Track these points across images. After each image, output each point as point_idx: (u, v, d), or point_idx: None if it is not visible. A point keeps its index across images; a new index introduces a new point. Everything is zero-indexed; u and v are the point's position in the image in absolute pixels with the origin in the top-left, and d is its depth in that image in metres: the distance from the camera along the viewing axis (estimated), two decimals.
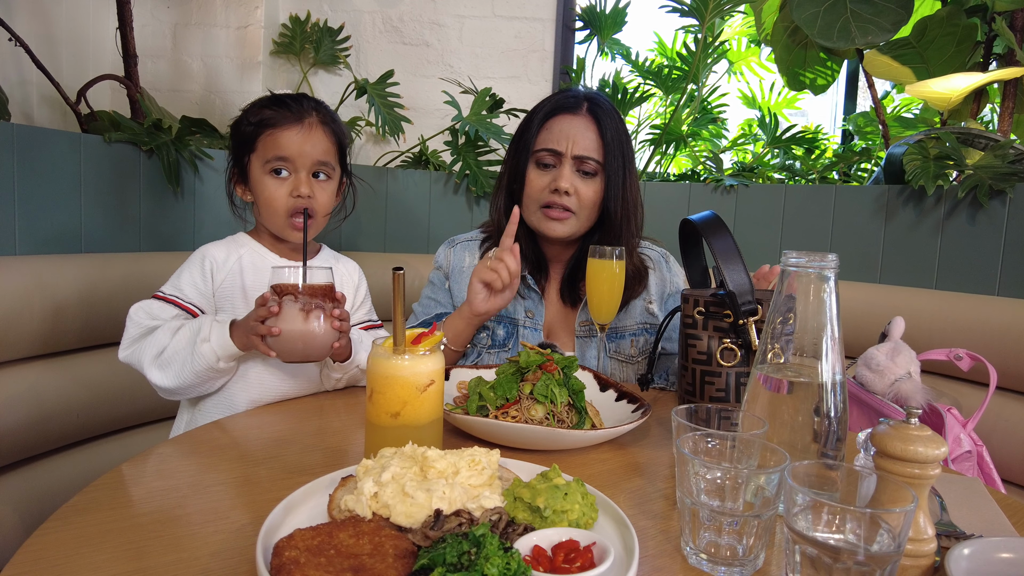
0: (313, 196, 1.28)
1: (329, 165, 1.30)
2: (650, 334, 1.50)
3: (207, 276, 1.27)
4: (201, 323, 1.17)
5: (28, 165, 1.47)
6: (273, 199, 1.27)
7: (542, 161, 1.42)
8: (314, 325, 1.10)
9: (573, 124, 1.41)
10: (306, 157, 1.26)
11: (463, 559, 0.57)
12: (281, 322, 1.08)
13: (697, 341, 1.11)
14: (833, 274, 0.79)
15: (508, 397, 1.03)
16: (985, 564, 0.64)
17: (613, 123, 1.42)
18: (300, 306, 1.09)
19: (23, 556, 0.65)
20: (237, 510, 0.77)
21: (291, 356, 1.11)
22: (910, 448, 0.66)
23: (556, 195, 1.40)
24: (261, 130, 1.26)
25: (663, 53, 2.67)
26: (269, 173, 1.27)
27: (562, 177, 1.39)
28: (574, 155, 1.39)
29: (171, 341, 1.17)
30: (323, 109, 1.32)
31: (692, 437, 0.75)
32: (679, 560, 0.71)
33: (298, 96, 1.32)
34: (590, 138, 1.40)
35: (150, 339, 1.18)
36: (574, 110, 1.42)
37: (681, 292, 1.18)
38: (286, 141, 1.25)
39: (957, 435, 1.36)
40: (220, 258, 1.29)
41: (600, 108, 1.42)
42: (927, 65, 2.04)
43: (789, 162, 2.40)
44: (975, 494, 0.90)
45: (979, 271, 1.69)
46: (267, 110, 1.27)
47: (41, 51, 1.83)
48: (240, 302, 1.28)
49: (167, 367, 1.16)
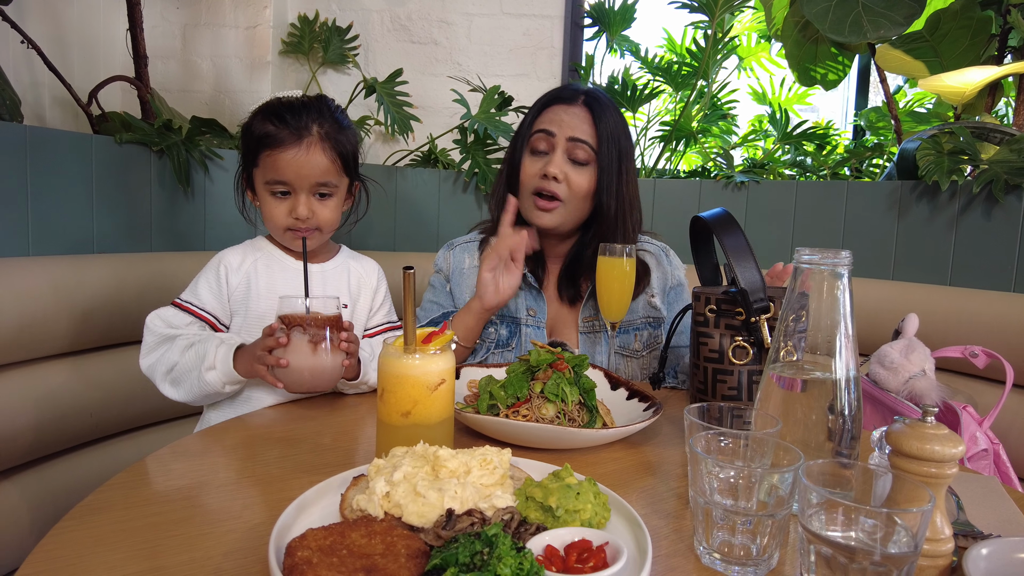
0: (313, 215, 1.26)
1: (330, 184, 1.27)
2: (654, 328, 1.50)
3: (221, 281, 1.27)
4: (207, 348, 1.16)
5: (41, 166, 1.48)
6: (273, 216, 1.27)
7: (536, 147, 1.42)
8: (322, 357, 1.08)
9: (568, 111, 1.42)
10: (304, 180, 1.24)
11: (476, 559, 0.57)
12: (289, 353, 1.07)
13: (709, 339, 1.11)
14: (847, 271, 0.78)
15: (519, 396, 1.03)
16: (1004, 564, 0.63)
17: (610, 116, 1.42)
18: (308, 338, 1.08)
19: (38, 555, 0.65)
20: (250, 510, 0.78)
21: (298, 387, 1.10)
22: (927, 447, 0.65)
23: (546, 180, 1.39)
24: (262, 148, 1.24)
25: (672, 49, 2.65)
26: (270, 192, 1.26)
27: (552, 162, 1.39)
28: (567, 137, 1.39)
29: (181, 360, 1.17)
30: (326, 121, 1.27)
31: (705, 436, 0.74)
32: (692, 560, 0.70)
33: (300, 107, 1.26)
34: (584, 125, 1.40)
35: (163, 355, 1.19)
36: (570, 101, 1.43)
37: (693, 290, 1.17)
38: (283, 164, 1.23)
39: (973, 433, 1.35)
40: (234, 263, 1.29)
41: (597, 101, 1.43)
42: (940, 59, 2.01)
43: (800, 158, 2.38)
44: (992, 493, 0.89)
45: (994, 267, 1.67)
46: (269, 125, 1.24)
47: (53, 53, 1.84)
48: (252, 305, 1.28)
49: (178, 385, 1.19)
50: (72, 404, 1.48)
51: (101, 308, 1.51)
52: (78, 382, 1.50)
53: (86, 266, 1.52)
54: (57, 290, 1.42)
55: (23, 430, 1.37)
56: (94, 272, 1.52)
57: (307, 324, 1.08)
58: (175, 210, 1.81)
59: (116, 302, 1.55)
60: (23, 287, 1.37)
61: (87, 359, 1.54)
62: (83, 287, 1.48)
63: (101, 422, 1.56)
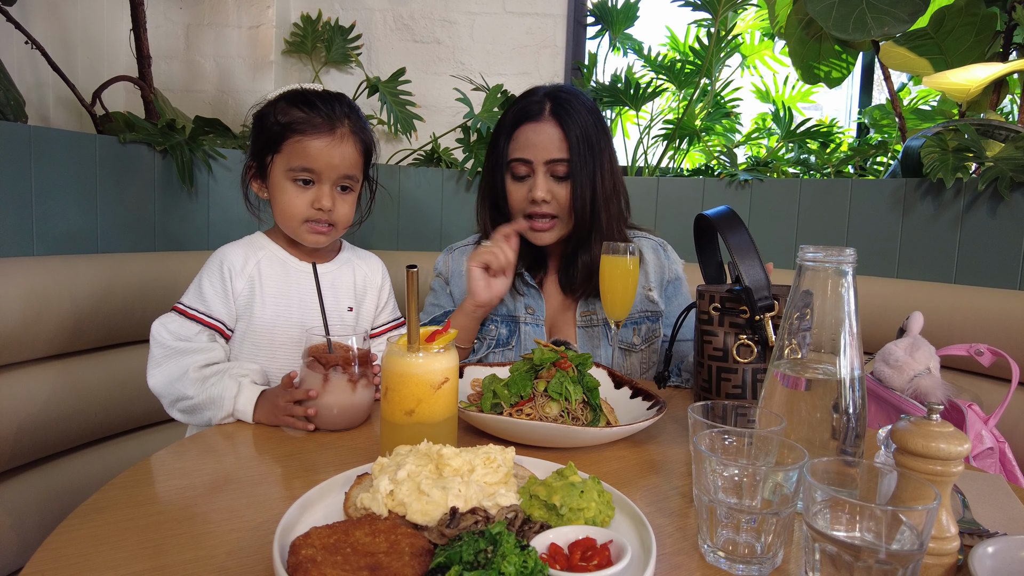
0: (334, 209, 1.22)
1: (354, 178, 1.24)
2: (652, 321, 1.50)
3: (226, 281, 1.22)
4: (223, 391, 1.08)
5: (45, 166, 1.49)
6: (292, 206, 1.21)
7: (516, 173, 1.43)
8: (359, 395, 1.05)
9: (538, 131, 1.39)
10: (334, 171, 1.20)
11: (480, 557, 0.57)
12: (323, 395, 1.03)
13: (713, 337, 1.10)
14: (851, 269, 0.78)
15: (522, 394, 1.03)
16: (1010, 563, 0.63)
17: (578, 119, 1.39)
18: (346, 377, 1.04)
19: (43, 554, 0.66)
20: (253, 508, 0.78)
21: (332, 426, 1.05)
22: (932, 444, 0.65)
23: (535, 205, 1.41)
24: (289, 133, 1.19)
25: (675, 47, 2.65)
26: (292, 180, 1.20)
27: (537, 186, 1.40)
28: (544, 160, 1.39)
29: (195, 396, 1.10)
30: (355, 115, 1.25)
31: (709, 434, 0.74)
32: (696, 558, 0.70)
33: (331, 97, 1.23)
34: (556, 142, 1.39)
35: (174, 383, 1.12)
36: (537, 117, 1.40)
37: (697, 288, 1.17)
38: (315, 152, 1.18)
39: (979, 431, 1.34)
40: (238, 264, 1.23)
41: (563, 107, 1.39)
42: (945, 56, 2.01)
43: (804, 156, 2.38)
44: (998, 491, 0.89)
45: (1000, 265, 1.67)
46: (298, 111, 1.19)
47: (57, 54, 1.85)
48: (257, 312, 1.22)
49: (190, 415, 1.13)
50: (76, 403, 1.48)
51: (105, 307, 1.52)
52: (82, 381, 1.50)
53: (90, 265, 1.52)
54: (61, 289, 1.43)
55: (27, 429, 1.37)
56: (98, 271, 1.52)
57: (340, 363, 1.03)
58: (178, 210, 1.81)
59: (120, 301, 1.55)
60: (27, 286, 1.37)
61: (91, 358, 1.54)
62: (87, 286, 1.48)
63: (105, 421, 1.56)
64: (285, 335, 1.23)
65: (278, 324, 1.23)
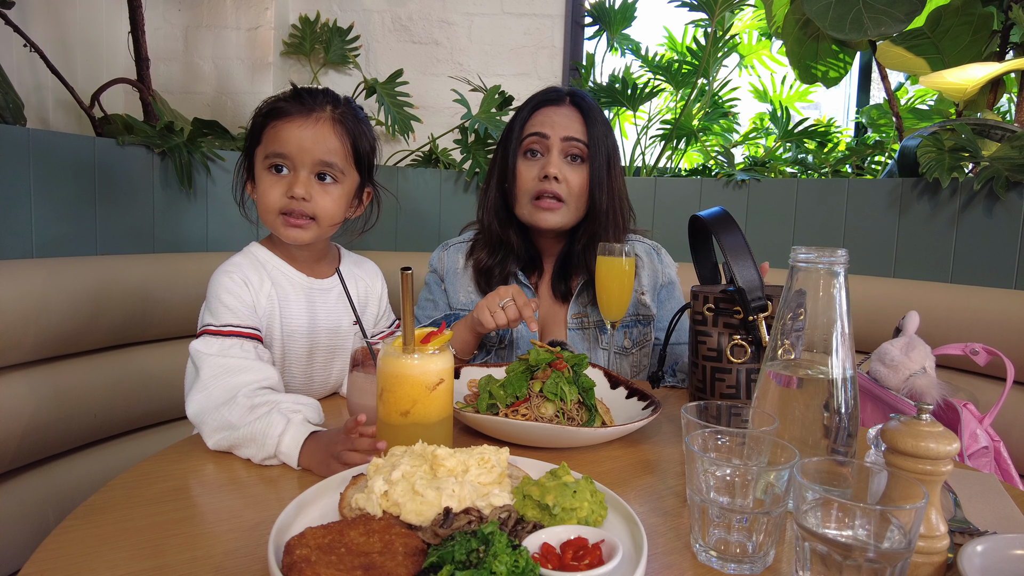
0: (311, 199, 1.13)
1: (335, 167, 1.15)
2: (643, 325, 1.51)
3: (249, 289, 1.13)
4: (268, 428, 0.92)
5: (44, 169, 1.49)
6: (266, 195, 1.14)
7: (530, 148, 1.44)
8: None
9: (558, 112, 1.44)
10: (307, 154, 1.12)
11: (472, 557, 0.58)
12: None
13: (707, 338, 1.11)
14: (843, 269, 0.78)
15: (518, 395, 1.04)
16: (999, 561, 0.64)
17: (598, 115, 1.45)
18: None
19: (42, 554, 0.66)
20: (250, 509, 0.78)
21: None
22: (921, 444, 0.66)
23: (546, 182, 1.40)
24: (268, 121, 1.15)
25: (673, 48, 2.65)
26: (268, 168, 1.14)
27: (550, 163, 1.40)
28: (561, 137, 1.41)
29: (240, 424, 0.94)
30: (343, 107, 1.18)
31: (702, 434, 0.75)
32: (688, 557, 0.71)
33: (318, 91, 1.18)
34: (576, 123, 1.43)
35: (222, 407, 0.97)
36: (558, 103, 1.46)
37: (692, 288, 1.17)
38: (287, 135, 1.12)
39: (974, 431, 1.35)
40: (255, 280, 1.15)
41: (584, 101, 1.46)
42: (942, 55, 2.01)
43: (801, 156, 2.38)
44: (990, 490, 0.89)
45: (996, 264, 1.67)
46: (281, 101, 1.16)
47: (56, 56, 1.86)
48: (277, 335, 1.16)
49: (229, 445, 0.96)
50: (76, 404, 1.49)
51: (104, 309, 1.52)
52: (81, 382, 1.51)
53: (89, 267, 1.53)
54: (60, 291, 1.43)
55: (27, 430, 1.38)
56: (97, 273, 1.53)
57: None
58: (177, 212, 1.82)
59: (119, 303, 1.56)
60: (27, 288, 1.38)
61: (91, 360, 1.55)
62: (86, 288, 1.49)
63: (105, 422, 1.57)
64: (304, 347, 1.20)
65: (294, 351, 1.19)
